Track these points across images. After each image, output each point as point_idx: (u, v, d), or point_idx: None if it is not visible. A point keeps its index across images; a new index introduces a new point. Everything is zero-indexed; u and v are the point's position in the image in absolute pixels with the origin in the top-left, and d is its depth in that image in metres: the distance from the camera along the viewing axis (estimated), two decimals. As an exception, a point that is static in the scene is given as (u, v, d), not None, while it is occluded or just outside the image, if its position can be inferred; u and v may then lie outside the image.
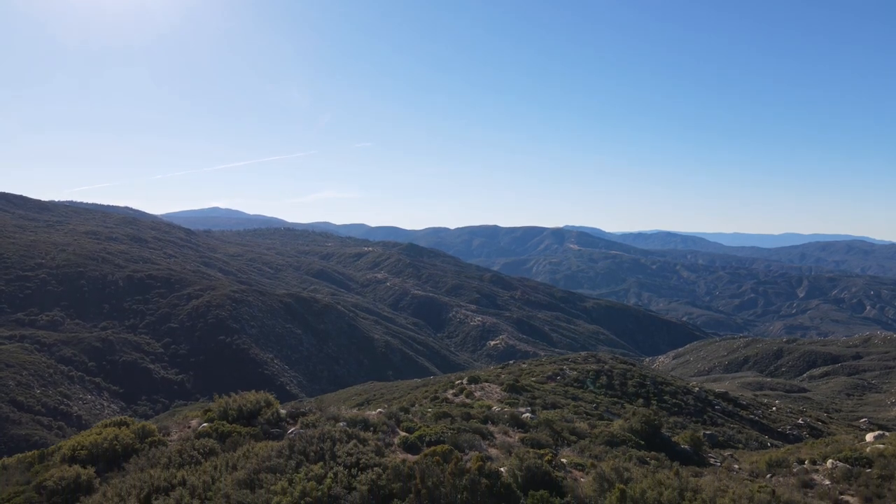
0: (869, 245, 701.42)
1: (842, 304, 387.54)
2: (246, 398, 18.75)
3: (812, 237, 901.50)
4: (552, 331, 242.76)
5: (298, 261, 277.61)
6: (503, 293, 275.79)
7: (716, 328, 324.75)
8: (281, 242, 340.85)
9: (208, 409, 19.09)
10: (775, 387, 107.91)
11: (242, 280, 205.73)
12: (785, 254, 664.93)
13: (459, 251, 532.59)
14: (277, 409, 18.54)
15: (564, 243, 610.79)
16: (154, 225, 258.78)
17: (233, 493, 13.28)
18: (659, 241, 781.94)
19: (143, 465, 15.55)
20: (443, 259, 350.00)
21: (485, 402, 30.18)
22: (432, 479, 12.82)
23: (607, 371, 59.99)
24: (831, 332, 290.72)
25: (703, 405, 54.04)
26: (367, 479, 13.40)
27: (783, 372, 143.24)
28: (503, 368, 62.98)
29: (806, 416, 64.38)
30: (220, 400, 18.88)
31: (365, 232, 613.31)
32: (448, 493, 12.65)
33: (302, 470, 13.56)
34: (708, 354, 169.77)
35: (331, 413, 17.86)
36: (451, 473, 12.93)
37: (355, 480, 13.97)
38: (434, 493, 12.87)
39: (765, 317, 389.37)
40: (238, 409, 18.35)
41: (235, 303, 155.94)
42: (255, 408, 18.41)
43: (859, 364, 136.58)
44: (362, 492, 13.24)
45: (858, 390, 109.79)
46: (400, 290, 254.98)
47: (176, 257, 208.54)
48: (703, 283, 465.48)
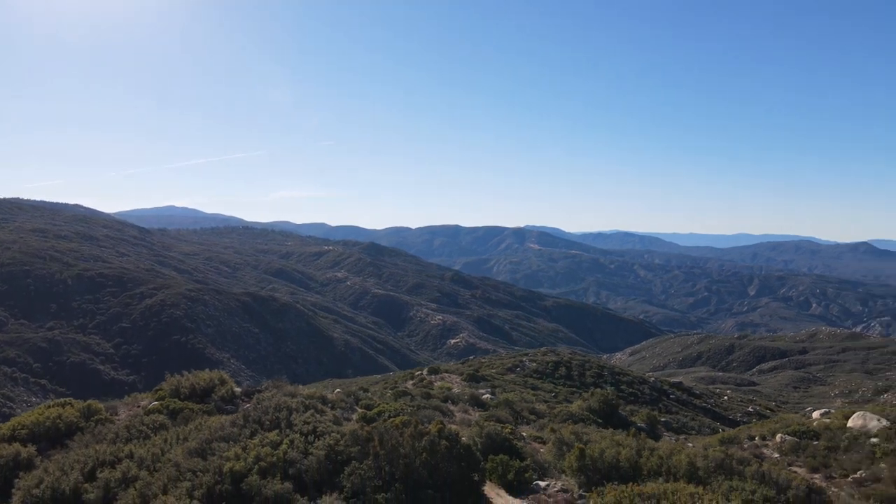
0: (816, 245, 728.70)
1: (790, 301, 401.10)
2: (199, 376, 18.19)
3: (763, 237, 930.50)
4: (512, 329, 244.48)
5: (257, 260, 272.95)
6: (464, 292, 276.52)
7: (671, 326, 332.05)
8: (239, 241, 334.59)
9: (159, 388, 18.45)
10: (727, 381, 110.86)
11: (199, 279, 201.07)
12: (737, 253, 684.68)
13: (421, 251, 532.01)
14: (232, 387, 18.05)
15: (525, 243, 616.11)
16: (106, 223, 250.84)
17: (183, 461, 12.81)
18: (617, 240, 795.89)
19: (88, 442, 14.90)
20: (404, 258, 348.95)
21: (445, 384, 30.07)
22: (391, 442, 12.61)
23: (566, 362, 60.66)
24: (780, 329, 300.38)
25: (659, 394, 55.10)
26: (324, 444, 13.08)
27: (734, 367, 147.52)
28: (463, 363, 63.04)
29: (756, 404, 66.32)
30: (171, 378, 18.27)
31: (325, 231, 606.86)
32: (407, 454, 12.45)
33: (257, 437, 13.17)
34: (663, 351, 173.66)
35: (287, 390, 17.48)
36: (411, 436, 12.75)
37: (312, 447, 13.64)
38: (392, 456, 12.64)
39: (717, 314, 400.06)
40: (190, 386, 17.76)
41: (191, 302, 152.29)
42: (208, 385, 17.87)
43: (805, 358, 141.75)
44: (319, 456, 12.92)
45: (804, 383, 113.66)
46: (360, 289, 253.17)
47: (129, 256, 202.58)
48: (659, 282, 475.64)
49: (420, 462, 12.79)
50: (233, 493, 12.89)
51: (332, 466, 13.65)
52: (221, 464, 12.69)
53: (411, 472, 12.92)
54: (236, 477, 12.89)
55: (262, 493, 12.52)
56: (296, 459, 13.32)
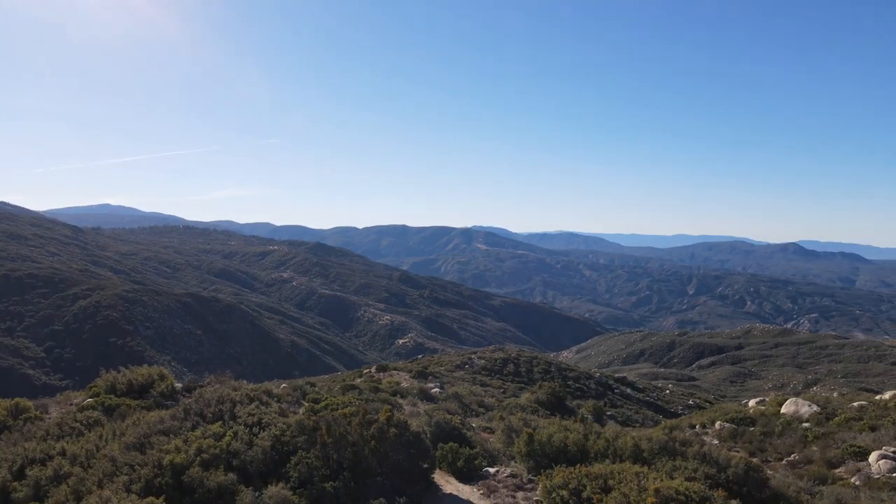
0: (749, 245, 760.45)
1: (726, 300, 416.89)
2: (136, 372, 17.42)
3: (700, 238, 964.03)
4: (460, 328, 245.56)
5: (199, 260, 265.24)
6: (412, 292, 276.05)
7: (615, 324, 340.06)
8: (180, 241, 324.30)
9: (93, 385, 17.59)
10: (668, 376, 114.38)
11: (136, 280, 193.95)
12: (677, 254, 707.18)
13: (368, 251, 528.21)
14: (172, 383, 17.36)
15: (472, 243, 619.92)
16: (35, 221, 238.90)
17: (119, 456, 12.23)
18: (563, 241, 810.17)
19: (16, 440, 14.09)
20: (351, 258, 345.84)
21: (394, 380, 29.90)
22: (339, 430, 12.39)
23: (514, 359, 61.30)
24: (717, 326, 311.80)
25: (604, 389, 56.32)
26: (270, 434, 12.73)
27: (675, 363, 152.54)
28: (412, 361, 62.95)
29: (696, 398, 68.59)
30: (106, 375, 17.44)
31: (270, 231, 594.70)
32: (356, 441, 12.26)
33: (199, 430, 12.69)
34: (608, 348, 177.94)
35: (231, 385, 16.93)
36: (359, 424, 12.58)
37: (257, 438, 13.27)
38: (340, 444, 12.43)
39: (659, 313, 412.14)
40: (127, 382, 16.98)
41: (128, 303, 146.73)
42: (146, 381, 17.13)
43: (741, 354, 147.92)
44: (264, 447, 12.57)
45: (740, 377, 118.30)
46: (307, 289, 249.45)
47: (60, 255, 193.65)
48: (603, 282, 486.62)
49: (369, 450, 12.64)
50: (174, 487, 12.40)
51: (278, 457, 13.31)
52: (161, 457, 12.16)
53: (360, 461, 12.75)
54: (177, 469, 12.39)
55: (204, 485, 12.08)
56: (240, 451, 12.91)
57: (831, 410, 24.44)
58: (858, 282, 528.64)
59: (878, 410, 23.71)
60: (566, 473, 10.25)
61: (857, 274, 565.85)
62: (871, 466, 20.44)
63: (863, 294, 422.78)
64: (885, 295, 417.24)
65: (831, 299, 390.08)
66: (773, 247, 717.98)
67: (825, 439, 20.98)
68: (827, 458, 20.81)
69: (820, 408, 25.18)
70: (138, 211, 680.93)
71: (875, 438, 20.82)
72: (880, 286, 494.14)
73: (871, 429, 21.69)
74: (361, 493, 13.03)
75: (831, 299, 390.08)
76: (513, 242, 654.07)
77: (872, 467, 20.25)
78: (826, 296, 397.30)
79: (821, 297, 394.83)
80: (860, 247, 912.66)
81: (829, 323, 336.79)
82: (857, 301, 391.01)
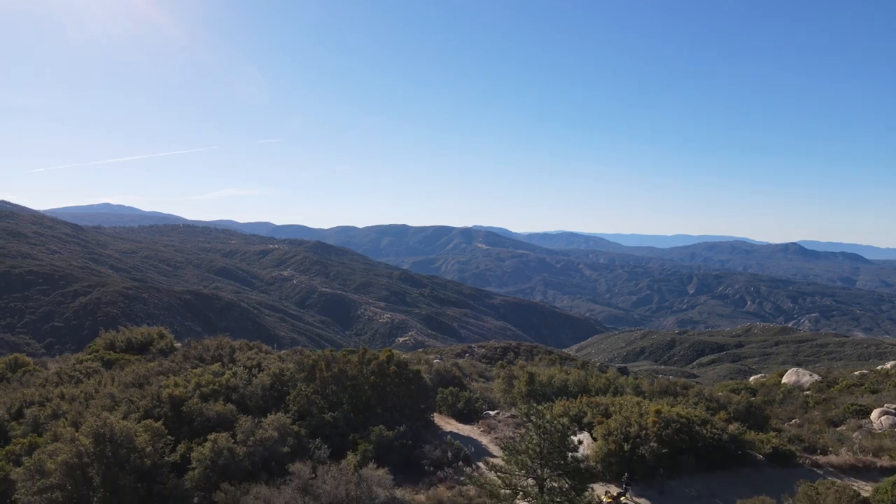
0: (750, 246, 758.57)
1: (726, 299, 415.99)
2: (135, 331, 17.39)
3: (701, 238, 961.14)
4: (461, 327, 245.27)
5: (199, 258, 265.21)
6: (412, 291, 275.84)
7: (615, 323, 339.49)
8: (180, 240, 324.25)
9: (91, 344, 17.52)
10: (668, 373, 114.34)
11: (137, 277, 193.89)
12: (677, 253, 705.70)
13: (368, 250, 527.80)
14: (172, 341, 17.33)
15: (473, 242, 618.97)
16: (35, 219, 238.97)
17: (118, 393, 12.23)
18: (563, 240, 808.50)
19: (14, 388, 14.05)
20: (351, 257, 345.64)
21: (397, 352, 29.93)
22: (338, 366, 12.41)
23: (514, 348, 61.26)
24: (718, 325, 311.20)
25: (604, 376, 56.12)
26: (269, 373, 12.74)
27: (676, 360, 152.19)
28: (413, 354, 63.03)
29: (696, 387, 68.45)
30: (105, 334, 17.39)
31: (270, 230, 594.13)
32: (355, 376, 12.28)
33: (198, 369, 12.70)
34: (608, 347, 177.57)
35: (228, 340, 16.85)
36: (359, 361, 12.60)
37: (256, 378, 13.30)
38: (340, 378, 12.45)
39: (659, 312, 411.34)
40: (126, 340, 16.95)
41: (128, 300, 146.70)
42: (146, 339, 17.12)
43: (741, 352, 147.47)
44: (263, 384, 12.60)
45: (741, 375, 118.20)
46: (307, 287, 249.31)
47: (61, 253, 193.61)
48: (603, 281, 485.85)
49: (369, 386, 12.67)
50: (173, 419, 12.45)
51: (277, 394, 13.39)
52: (160, 391, 12.22)
53: (360, 394, 12.79)
54: (175, 402, 12.45)
55: (203, 415, 12.15)
56: (239, 386, 12.97)
57: (832, 379, 24.43)
58: (859, 282, 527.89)
59: (879, 377, 23.69)
60: (567, 403, 10.25)
61: (858, 274, 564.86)
62: (872, 423, 20.46)
63: (863, 294, 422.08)
64: (885, 295, 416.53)
65: (832, 299, 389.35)
66: (774, 247, 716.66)
67: (826, 404, 20.95)
68: (828, 417, 20.78)
69: (821, 377, 25.16)
70: (139, 210, 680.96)
71: (876, 399, 20.83)
72: (881, 286, 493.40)
73: (873, 392, 21.70)
74: (361, 423, 13.09)
75: (832, 299, 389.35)
76: (513, 242, 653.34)
77: (874, 423, 20.27)
78: (826, 295, 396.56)
79: (821, 296, 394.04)
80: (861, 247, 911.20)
81: (830, 322, 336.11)
82: (857, 301, 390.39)
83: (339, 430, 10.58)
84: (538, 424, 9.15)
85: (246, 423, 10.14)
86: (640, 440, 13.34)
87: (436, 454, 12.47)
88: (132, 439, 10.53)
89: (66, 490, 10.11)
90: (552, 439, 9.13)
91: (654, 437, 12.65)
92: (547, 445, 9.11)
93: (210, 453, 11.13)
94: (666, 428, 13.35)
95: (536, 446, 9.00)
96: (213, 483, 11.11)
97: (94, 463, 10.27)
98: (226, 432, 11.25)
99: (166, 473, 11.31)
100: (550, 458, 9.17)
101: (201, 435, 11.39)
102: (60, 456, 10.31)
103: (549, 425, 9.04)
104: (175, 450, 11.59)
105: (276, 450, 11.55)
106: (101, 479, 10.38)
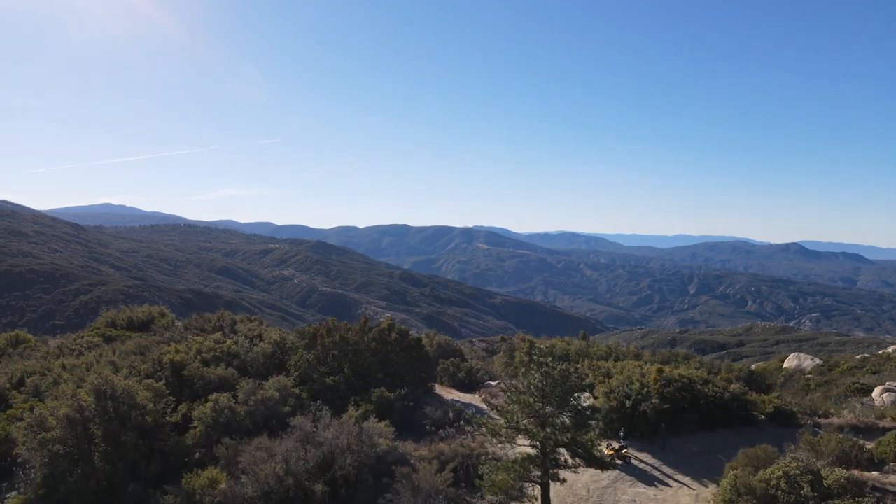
0: (751, 246, 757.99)
1: (727, 299, 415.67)
2: (136, 310, 17.43)
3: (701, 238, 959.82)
4: (462, 326, 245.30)
5: (200, 257, 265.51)
6: (413, 290, 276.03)
7: (616, 323, 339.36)
8: (181, 239, 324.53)
9: (93, 324, 17.55)
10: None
11: (137, 276, 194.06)
12: (678, 254, 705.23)
13: (369, 250, 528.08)
14: (173, 320, 17.37)
15: (474, 242, 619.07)
16: (36, 219, 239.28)
17: (119, 360, 12.29)
18: (564, 241, 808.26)
19: (16, 361, 14.07)
20: (352, 257, 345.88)
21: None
22: (339, 333, 12.45)
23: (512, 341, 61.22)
24: (718, 325, 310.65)
25: (605, 370, 56.17)
26: (271, 340, 12.81)
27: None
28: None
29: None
30: (107, 313, 17.42)
31: (271, 230, 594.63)
32: (356, 341, 12.32)
33: (200, 337, 12.76)
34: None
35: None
36: (360, 329, 12.64)
37: (256, 346, 13.38)
38: (341, 344, 12.50)
39: (660, 312, 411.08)
40: (128, 319, 16.99)
41: (129, 298, 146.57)
42: (147, 318, 17.17)
43: (742, 350, 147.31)
44: (265, 350, 12.67)
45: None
46: (308, 286, 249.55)
47: (62, 252, 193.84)
48: (604, 281, 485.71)
49: (370, 352, 12.71)
50: (174, 383, 12.53)
51: (278, 362, 13.45)
52: (161, 356, 12.28)
53: (361, 361, 12.84)
54: (176, 367, 12.53)
55: (204, 378, 12.22)
56: (240, 352, 13.04)
57: (833, 363, 24.44)
58: (860, 282, 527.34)
59: (880, 360, 23.71)
60: (569, 364, 10.30)
61: (859, 274, 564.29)
62: (874, 400, 20.47)
63: (864, 294, 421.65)
64: (886, 295, 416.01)
65: (833, 299, 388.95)
66: (775, 247, 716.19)
67: (827, 385, 20.94)
68: (829, 397, 20.78)
69: (822, 361, 25.15)
70: (140, 210, 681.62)
71: (878, 378, 20.84)
72: (882, 286, 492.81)
73: (874, 373, 21.70)
74: (362, 388, 13.14)
75: (833, 299, 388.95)
76: (514, 242, 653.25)
77: (876, 400, 20.27)
78: (827, 295, 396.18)
79: (822, 296, 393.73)
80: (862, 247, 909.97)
81: (831, 322, 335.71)
82: (858, 301, 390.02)
83: (340, 394, 10.61)
84: (540, 362, 9.16)
85: (247, 385, 10.17)
86: (642, 397, 13.56)
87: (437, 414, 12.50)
88: (133, 396, 10.58)
89: (67, 444, 10.13)
90: (553, 377, 9.15)
91: (655, 393, 12.76)
92: (549, 383, 9.14)
93: (211, 412, 11.18)
94: (668, 386, 13.52)
95: (539, 382, 9.02)
96: (214, 440, 11.19)
97: (95, 419, 10.31)
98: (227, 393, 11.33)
99: (167, 431, 11.37)
100: (552, 396, 9.19)
101: (202, 398, 11.43)
102: (61, 409, 10.33)
103: (550, 363, 9.07)
104: (176, 410, 11.65)
105: (277, 409, 11.58)
106: (102, 434, 10.41)
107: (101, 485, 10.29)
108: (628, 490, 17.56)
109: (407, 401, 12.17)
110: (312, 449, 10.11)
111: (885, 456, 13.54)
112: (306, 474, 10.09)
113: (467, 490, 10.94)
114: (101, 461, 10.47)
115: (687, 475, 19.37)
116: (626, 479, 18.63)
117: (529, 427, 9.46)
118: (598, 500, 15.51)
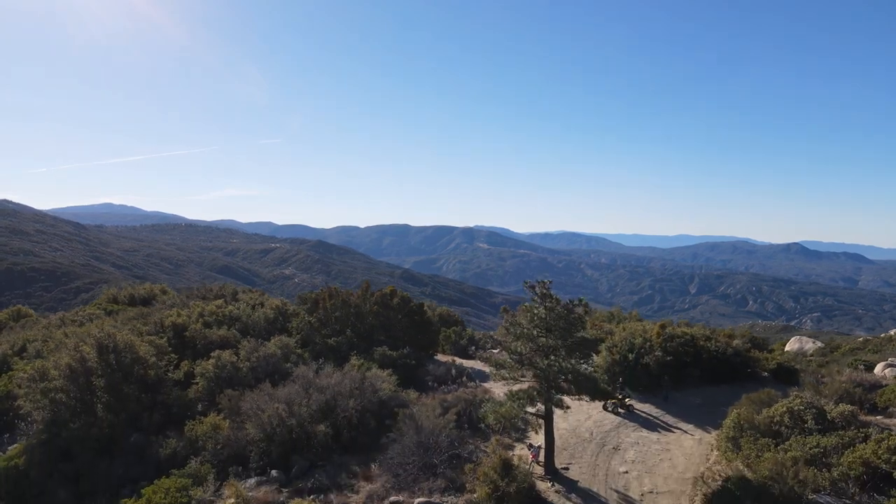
0: (752, 246, 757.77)
1: (728, 299, 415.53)
2: (137, 287, 17.43)
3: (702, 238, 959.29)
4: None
5: (201, 257, 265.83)
6: (414, 289, 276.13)
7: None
8: (182, 238, 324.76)
9: (94, 301, 17.55)
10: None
11: (138, 275, 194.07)
12: (679, 253, 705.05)
13: (370, 249, 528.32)
14: (174, 297, 17.35)
15: (474, 242, 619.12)
16: (37, 218, 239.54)
17: (122, 325, 12.31)
18: (564, 240, 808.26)
19: (17, 332, 14.08)
20: (353, 256, 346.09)
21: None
22: (341, 297, 12.49)
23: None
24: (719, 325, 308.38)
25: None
26: (272, 305, 12.86)
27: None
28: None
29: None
30: (108, 290, 17.42)
31: (272, 230, 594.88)
32: (358, 304, 12.35)
33: (202, 303, 12.79)
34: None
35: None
36: (362, 294, 12.66)
37: (258, 311, 13.42)
38: (343, 307, 12.54)
39: (661, 312, 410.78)
40: (129, 296, 17.00)
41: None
42: (148, 294, 17.17)
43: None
44: (267, 314, 12.70)
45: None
46: (309, 286, 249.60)
47: (63, 251, 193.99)
48: (605, 281, 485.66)
49: (372, 316, 12.74)
50: (177, 344, 12.61)
51: (280, 327, 13.48)
52: (162, 319, 12.32)
53: (363, 323, 12.86)
54: (178, 329, 12.60)
55: (206, 338, 12.26)
56: (242, 316, 13.08)
57: (835, 345, 24.43)
58: (861, 282, 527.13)
59: (881, 342, 23.71)
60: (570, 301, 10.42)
61: (860, 274, 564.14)
62: (876, 376, 20.48)
63: (865, 294, 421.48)
64: (887, 295, 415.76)
65: (834, 299, 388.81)
66: (776, 247, 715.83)
67: (829, 366, 20.93)
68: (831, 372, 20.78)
69: (824, 344, 25.13)
70: (140, 210, 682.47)
71: (880, 356, 20.85)
72: (883, 286, 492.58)
73: (875, 352, 21.69)
74: (364, 349, 13.21)
75: (834, 299, 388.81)
76: (514, 242, 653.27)
77: (878, 375, 20.29)
78: (829, 295, 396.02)
79: (823, 296, 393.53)
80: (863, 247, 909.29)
81: (832, 322, 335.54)
82: (859, 300, 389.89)
83: (342, 354, 10.62)
84: (543, 294, 9.17)
85: (249, 345, 10.18)
86: (645, 350, 13.70)
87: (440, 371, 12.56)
88: (135, 349, 10.62)
89: (69, 395, 10.14)
90: (556, 310, 9.16)
91: (658, 346, 12.86)
92: (553, 316, 9.15)
93: (213, 368, 11.21)
94: (671, 341, 13.68)
95: (542, 313, 9.02)
96: (216, 394, 11.23)
97: (97, 370, 10.33)
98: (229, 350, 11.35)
99: (170, 386, 11.42)
100: (556, 329, 9.20)
101: (204, 356, 11.47)
102: (63, 360, 10.33)
103: (552, 296, 9.09)
104: (179, 368, 11.70)
105: (279, 365, 11.62)
106: (104, 385, 10.42)
107: (103, 432, 10.35)
108: (631, 434, 18.41)
109: (409, 359, 12.24)
110: (315, 393, 10.14)
111: (888, 403, 14.19)
112: (309, 417, 10.18)
113: (470, 433, 11.00)
114: (103, 411, 10.50)
115: (689, 424, 20.12)
116: (628, 425, 19.57)
117: (533, 358, 9.47)
118: (602, 442, 16.27)
